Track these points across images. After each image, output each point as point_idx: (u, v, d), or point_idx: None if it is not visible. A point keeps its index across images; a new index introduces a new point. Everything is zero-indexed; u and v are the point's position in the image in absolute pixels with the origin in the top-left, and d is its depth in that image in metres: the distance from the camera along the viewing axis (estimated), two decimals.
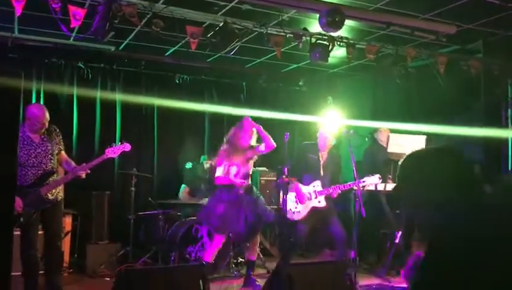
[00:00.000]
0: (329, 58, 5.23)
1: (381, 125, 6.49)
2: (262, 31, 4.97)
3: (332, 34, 4.97)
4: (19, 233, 4.24)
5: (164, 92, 7.18)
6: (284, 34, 5.02)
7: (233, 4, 4.88)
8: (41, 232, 4.51)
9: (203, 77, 7.68)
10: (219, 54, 6.52)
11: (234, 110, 7.19)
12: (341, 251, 5.39)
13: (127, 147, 4.69)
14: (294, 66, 7.43)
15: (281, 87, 8.31)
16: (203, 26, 4.88)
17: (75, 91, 6.73)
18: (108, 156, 4.57)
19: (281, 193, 5.47)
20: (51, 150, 4.42)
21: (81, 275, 5.78)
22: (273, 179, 7.21)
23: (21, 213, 4.10)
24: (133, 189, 6.05)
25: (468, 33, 5.60)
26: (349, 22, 4.90)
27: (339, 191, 5.39)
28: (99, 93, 6.87)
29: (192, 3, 4.73)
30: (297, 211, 5.45)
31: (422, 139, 5.95)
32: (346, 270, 4.15)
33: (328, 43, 5.15)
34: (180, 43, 6.14)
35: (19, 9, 3.87)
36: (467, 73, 5.75)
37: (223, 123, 7.75)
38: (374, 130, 6.56)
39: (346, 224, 5.59)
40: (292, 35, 5.04)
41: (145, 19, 4.51)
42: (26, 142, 4.30)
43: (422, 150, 1.42)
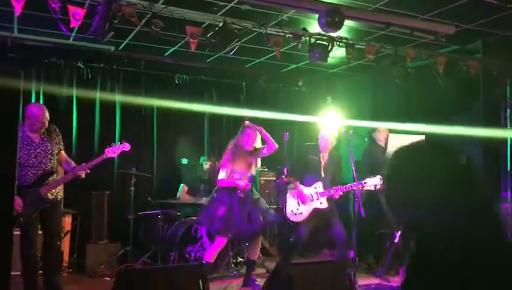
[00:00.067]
0: (329, 59, 5.24)
1: (381, 126, 6.49)
2: (262, 31, 4.97)
3: (332, 34, 4.97)
4: (18, 233, 4.24)
5: (164, 92, 7.18)
6: (284, 34, 5.02)
7: (232, 4, 4.88)
8: (41, 232, 4.51)
9: (203, 77, 7.68)
10: (218, 54, 6.52)
11: (234, 111, 7.19)
12: (341, 251, 5.39)
13: (127, 146, 4.67)
14: (294, 66, 7.43)
15: (280, 88, 8.31)
16: (203, 26, 4.88)
17: (75, 91, 6.74)
18: (107, 156, 4.56)
19: (281, 194, 5.47)
20: (50, 150, 4.41)
21: (80, 274, 5.78)
22: (273, 179, 7.21)
23: (21, 213, 4.10)
24: (133, 189, 6.05)
25: (467, 33, 5.60)
26: (348, 22, 4.90)
27: (341, 193, 5.39)
28: (98, 93, 6.88)
29: (191, 3, 4.74)
30: (299, 212, 5.44)
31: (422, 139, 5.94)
32: (346, 270, 4.17)
33: (327, 44, 5.15)
34: (179, 43, 6.14)
35: (18, 9, 3.87)
36: (466, 73, 5.75)
37: (222, 123, 7.77)
38: (372, 129, 6.56)
39: (346, 224, 5.59)
40: (291, 36, 5.04)
41: (145, 19, 4.51)
42: (26, 142, 4.29)
43: (411, 145, 1.35)
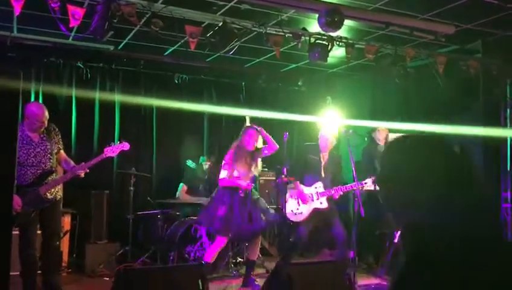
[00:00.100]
0: (329, 58, 5.23)
1: (380, 125, 6.49)
2: (262, 30, 4.97)
3: (332, 34, 4.97)
4: (17, 233, 4.24)
5: (163, 92, 7.18)
6: (283, 33, 5.02)
7: (232, 4, 4.87)
8: (40, 232, 4.50)
9: (202, 76, 7.67)
10: (218, 54, 6.51)
11: (233, 110, 7.19)
12: (341, 251, 5.39)
13: (126, 146, 4.67)
14: (293, 66, 7.42)
15: (280, 87, 8.30)
16: (202, 25, 4.87)
17: (74, 90, 6.73)
18: (107, 155, 4.55)
19: (280, 194, 5.47)
20: (50, 149, 4.40)
21: (80, 274, 5.77)
22: (272, 179, 7.21)
23: (21, 212, 4.10)
24: (132, 188, 6.04)
25: (467, 33, 5.60)
26: (348, 22, 4.90)
27: (341, 193, 5.38)
28: (98, 93, 6.87)
29: (191, 2, 4.73)
30: (299, 212, 5.43)
31: None
32: (346, 270, 4.17)
33: (327, 43, 5.14)
34: (179, 43, 6.13)
35: (17, 9, 3.86)
36: (466, 73, 5.75)
37: (222, 123, 7.77)
38: (372, 129, 6.56)
39: (346, 224, 5.59)
40: (291, 35, 5.04)
41: (144, 18, 4.50)
42: (25, 142, 4.28)
43: (406, 142, 1.29)
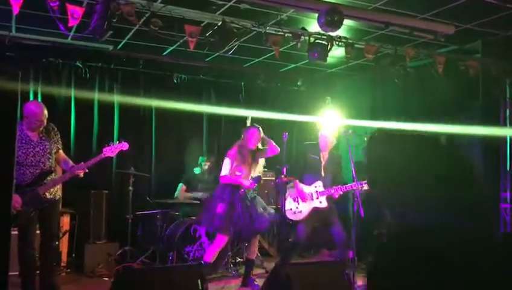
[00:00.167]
0: (328, 58, 5.22)
1: (380, 125, 6.49)
2: (261, 30, 4.96)
3: (331, 33, 4.96)
4: (16, 232, 4.24)
5: (162, 92, 7.17)
6: (283, 33, 5.01)
7: (231, 3, 4.87)
8: (39, 232, 4.48)
9: (202, 76, 7.65)
10: (217, 54, 6.50)
11: (232, 110, 7.19)
12: (341, 251, 5.38)
13: (125, 146, 4.65)
14: (293, 65, 7.42)
15: (279, 87, 8.28)
16: (202, 25, 4.87)
17: (73, 90, 6.71)
18: (106, 155, 4.54)
19: (280, 193, 5.46)
20: (49, 149, 4.39)
21: (79, 274, 5.76)
22: (272, 179, 7.20)
23: (20, 211, 4.09)
24: (131, 188, 6.04)
25: (466, 33, 5.60)
26: (347, 22, 4.90)
27: (341, 192, 5.38)
28: (97, 93, 6.86)
29: (190, 2, 4.72)
30: (299, 211, 5.42)
31: None
32: (345, 270, 4.16)
33: (326, 43, 5.14)
34: (178, 43, 6.13)
35: (16, 8, 3.85)
36: (466, 73, 5.74)
37: (221, 123, 7.76)
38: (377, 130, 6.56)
39: (345, 224, 5.58)
40: (291, 35, 5.03)
41: (144, 18, 4.50)
42: (24, 141, 4.27)
43: (404, 141, 1.29)
